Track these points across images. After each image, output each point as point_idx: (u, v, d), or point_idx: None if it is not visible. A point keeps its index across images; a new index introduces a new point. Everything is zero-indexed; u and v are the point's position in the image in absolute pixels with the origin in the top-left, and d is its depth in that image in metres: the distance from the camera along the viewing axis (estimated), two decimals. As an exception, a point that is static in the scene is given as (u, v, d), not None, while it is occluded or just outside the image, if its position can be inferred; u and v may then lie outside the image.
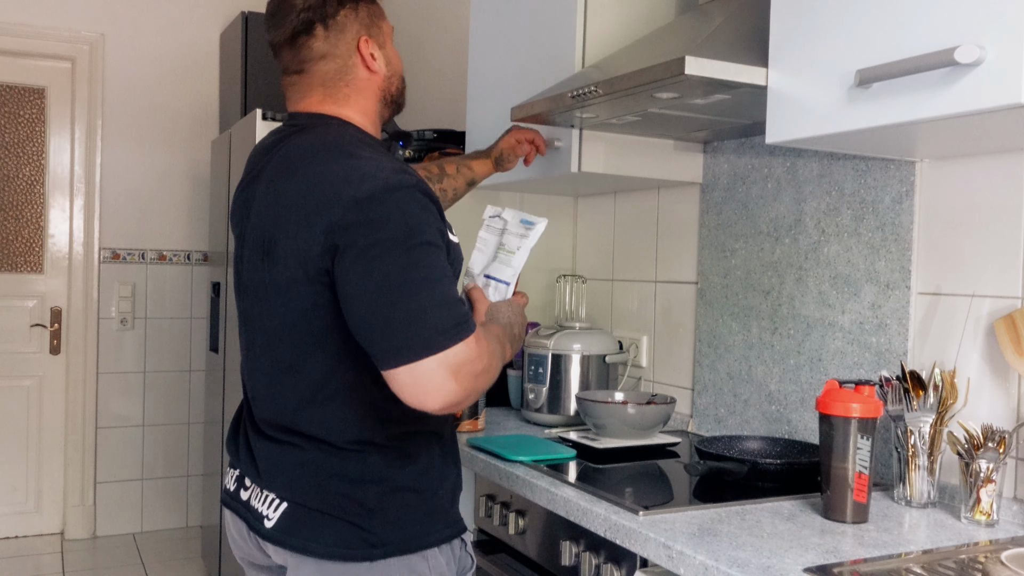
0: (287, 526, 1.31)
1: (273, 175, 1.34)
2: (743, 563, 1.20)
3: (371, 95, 1.43)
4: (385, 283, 1.19)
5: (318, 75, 1.39)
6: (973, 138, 1.42)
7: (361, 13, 1.41)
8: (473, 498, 1.93)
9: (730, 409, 2.11)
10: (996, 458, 1.41)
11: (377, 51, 1.42)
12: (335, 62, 1.39)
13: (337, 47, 1.38)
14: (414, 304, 1.19)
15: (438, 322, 1.19)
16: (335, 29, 1.38)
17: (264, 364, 1.37)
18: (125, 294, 4.22)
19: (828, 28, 1.38)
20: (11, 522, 4.11)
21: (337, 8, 1.38)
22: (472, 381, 1.23)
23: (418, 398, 1.20)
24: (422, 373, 1.18)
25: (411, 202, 1.23)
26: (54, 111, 4.14)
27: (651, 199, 2.44)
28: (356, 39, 1.39)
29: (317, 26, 1.37)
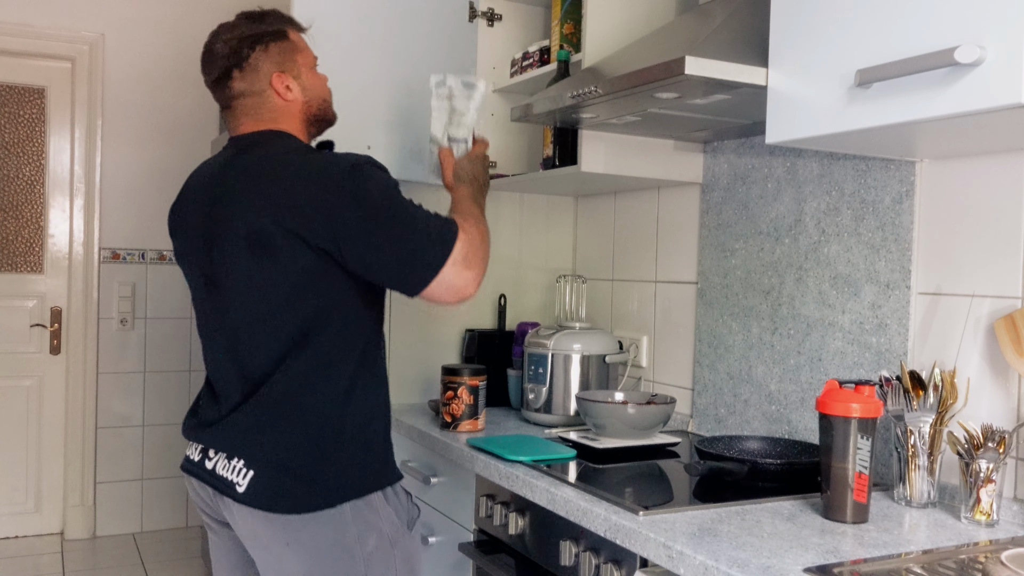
0: (257, 489, 1.50)
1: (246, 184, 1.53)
2: (743, 563, 1.20)
3: (292, 117, 1.66)
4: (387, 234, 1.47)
5: (241, 108, 1.64)
6: (973, 138, 1.42)
7: (272, 52, 1.63)
8: (473, 498, 1.93)
9: (730, 409, 2.11)
10: (996, 458, 1.41)
11: (292, 82, 1.64)
12: (253, 97, 1.63)
13: (253, 85, 1.62)
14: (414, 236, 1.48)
15: (435, 237, 1.49)
16: (249, 70, 1.62)
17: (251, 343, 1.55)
18: (125, 294, 4.22)
19: (828, 28, 1.38)
20: (11, 522, 4.11)
21: (249, 52, 1.62)
22: (480, 259, 1.55)
23: (455, 296, 1.52)
24: (445, 278, 1.50)
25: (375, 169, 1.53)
26: (54, 111, 4.14)
27: (651, 199, 2.44)
28: (269, 76, 1.62)
29: (234, 71, 1.62)
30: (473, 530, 1.93)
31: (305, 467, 1.50)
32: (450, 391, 2.10)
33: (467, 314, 2.61)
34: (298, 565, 1.51)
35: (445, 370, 2.11)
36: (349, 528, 1.51)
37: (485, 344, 2.52)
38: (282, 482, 1.49)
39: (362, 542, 1.52)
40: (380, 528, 1.54)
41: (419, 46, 2.38)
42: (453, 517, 2.03)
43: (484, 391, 2.13)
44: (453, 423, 2.09)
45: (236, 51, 1.62)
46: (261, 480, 1.50)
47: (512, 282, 2.68)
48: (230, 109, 1.65)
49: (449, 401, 2.10)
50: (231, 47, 1.62)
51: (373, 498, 1.54)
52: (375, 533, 1.53)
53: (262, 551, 1.54)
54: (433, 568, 2.10)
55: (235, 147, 1.62)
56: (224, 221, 1.53)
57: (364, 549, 1.52)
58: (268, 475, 1.50)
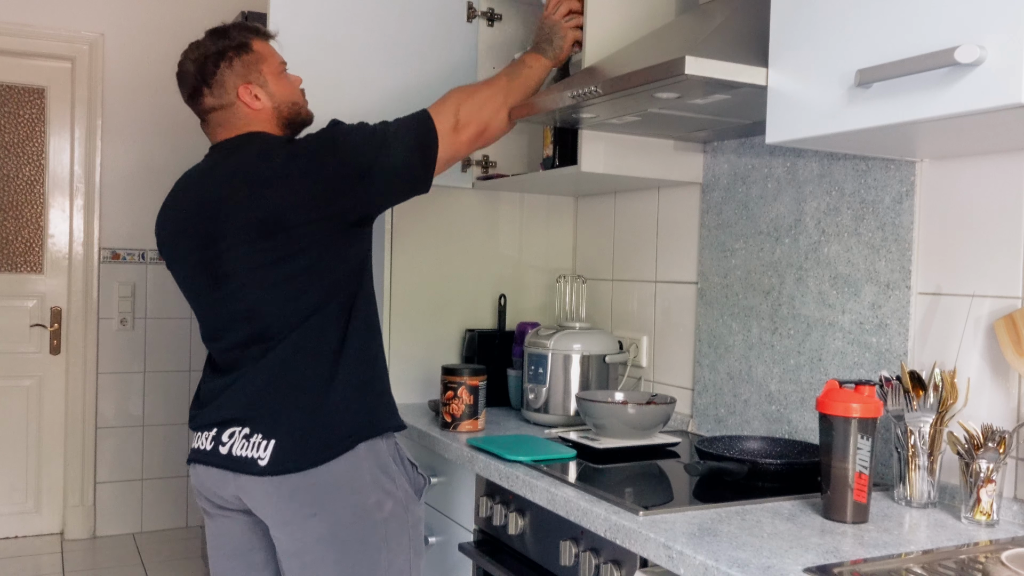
0: (280, 456, 1.59)
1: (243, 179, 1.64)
2: (743, 563, 1.20)
3: (265, 122, 1.75)
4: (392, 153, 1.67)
5: (215, 120, 1.75)
6: (973, 138, 1.42)
7: (236, 66, 1.72)
8: (473, 498, 1.93)
9: (730, 409, 2.11)
10: (996, 458, 1.41)
11: (259, 90, 1.73)
12: (224, 110, 1.73)
13: (222, 99, 1.72)
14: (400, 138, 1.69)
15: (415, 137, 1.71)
16: (216, 86, 1.72)
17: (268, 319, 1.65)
18: (125, 294, 4.22)
19: (828, 28, 1.38)
20: (11, 522, 4.11)
21: (214, 69, 1.71)
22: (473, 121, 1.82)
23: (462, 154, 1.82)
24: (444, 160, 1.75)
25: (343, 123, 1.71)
26: (54, 111, 4.14)
27: (651, 199, 2.44)
28: (236, 88, 1.72)
29: (203, 88, 1.72)
30: (473, 530, 1.93)
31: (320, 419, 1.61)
32: (450, 391, 2.10)
33: (467, 314, 2.61)
34: (322, 532, 1.60)
35: (445, 370, 2.11)
36: (369, 493, 1.62)
37: (485, 344, 2.52)
38: (302, 438, 1.60)
39: (380, 507, 1.64)
40: (395, 494, 1.66)
41: (418, 46, 2.38)
42: (453, 517, 2.03)
43: (484, 391, 2.13)
44: (453, 423, 2.09)
45: (202, 69, 1.72)
46: (284, 443, 1.60)
47: (512, 282, 2.68)
48: (206, 122, 1.76)
49: (449, 401, 2.10)
50: (197, 66, 1.73)
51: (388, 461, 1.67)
52: (391, 499, 1.65)
53: (284, 527, 1.62)
54: (433, 568, 2.10)
55: (217, 152, 1.74)
56: (228, 217, 1.63)
57: (382, 513, 1.64)
58: (288, 435, 1.61)
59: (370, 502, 1.63)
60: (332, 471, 1.60)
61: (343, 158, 1.62)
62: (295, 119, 1.80)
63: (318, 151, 1.63)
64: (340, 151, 1.63)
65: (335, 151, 1.62)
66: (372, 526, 1.63)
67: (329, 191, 1.61)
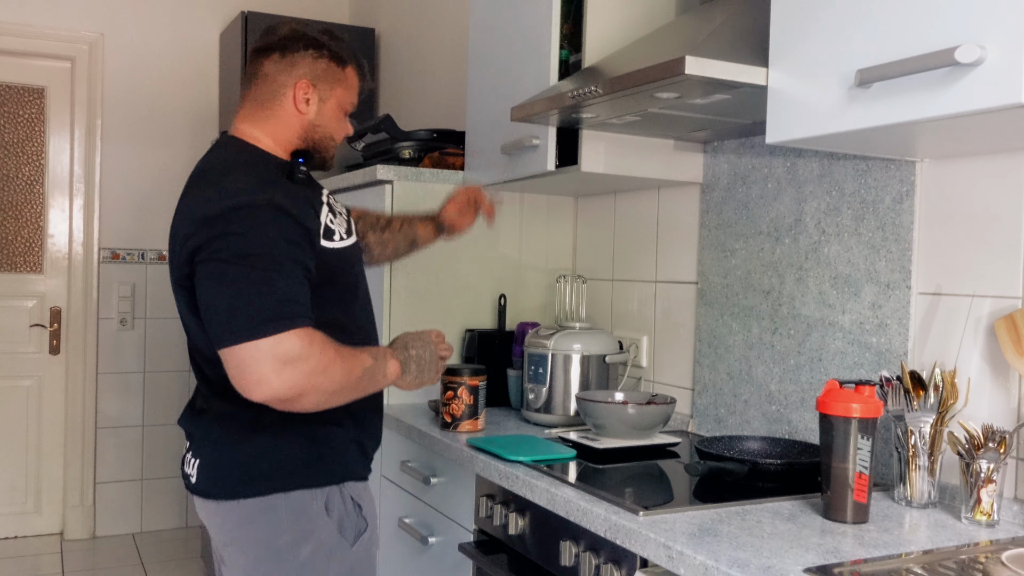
0: (201, 476, 1.54)
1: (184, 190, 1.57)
2: (743, 563, 1.20)
3: (290, 128, 1.60)
4: (221, 283, 1.39)
5: (255, 91, 1.61)
6: (973, 138, 1.42)
7: (319, 64, 1.60)
8: (473, 498, 1.93)
9: (730, 409, 2.11)
10: (996, 458, 1.41)
11: (314, 99, 1.60)
12: (271, 86, 1.59)
13: (278, 76, 1.58)
14: (243, 298, 1.37)
15: (262, 311, 1.36)
16: (287, 62, 1.58)
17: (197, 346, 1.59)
18: (125, 294, 4.22)
19: (828, 28, 1.38)
20: (10, 522, 4.11)
21: (299, 47, 1.58)
22: (303, 378, 1.37)
23: (241, 382, 1.37)
24: (244, 357, 1.35)
25: (251, 219, 1.42)
26: (54, 111, 4.14)
27: (651, 199, 2.44)
28: (298, 79, 1.58)
29: (275, 53, 1.59)
30: (473, 530, 1.93)
31: (241, 454, 1.52)
32: (450, 391, 2.09)
33: (467, 314, 2.61)
34: (236, 564, 1.54)
35: (445, 370, 2.11)
36: (283, 532, 1.50)
37: (485, 344, 2.52)
38: (220, 467, 1.53)
39: (295, 548, 1.51)
40: (318, 537, 1.52)
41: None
42: (453, 517, 2.03)
43: (484, 391, 2.12)
44: (453, 423, 2.09)
45: (292, 39, 1.59)
46: (205, 467, 1.55)
47: (512, 282, 2.68)
48: (247, 87, 1.62)
49: (449, 401, 2.09)
50: (293, 35, 1.60)
51: (310, 502, 1.52)
52: (311, 543, 1.51)
53: (217, 548, 1.60)
54: (433, 568, 2.10)
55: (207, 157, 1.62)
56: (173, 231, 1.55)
57: (296, 557, 1.51)
58: (210, 461, 1.54)
59: (281, 542, 1.51)
60: (243, 507, 1.51)
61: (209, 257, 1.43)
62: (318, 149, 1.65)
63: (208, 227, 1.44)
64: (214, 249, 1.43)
65: (212, 247, 1.43)
66: (285, 565, 1.51)
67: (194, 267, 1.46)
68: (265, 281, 1.39)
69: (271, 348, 1.35)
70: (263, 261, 1.40)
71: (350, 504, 1.57)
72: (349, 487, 1.59)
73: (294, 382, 1.37)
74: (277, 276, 1.40)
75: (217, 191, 1.47)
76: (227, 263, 1.40)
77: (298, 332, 1.38)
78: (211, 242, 1.42)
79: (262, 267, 1.39)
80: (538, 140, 2.11)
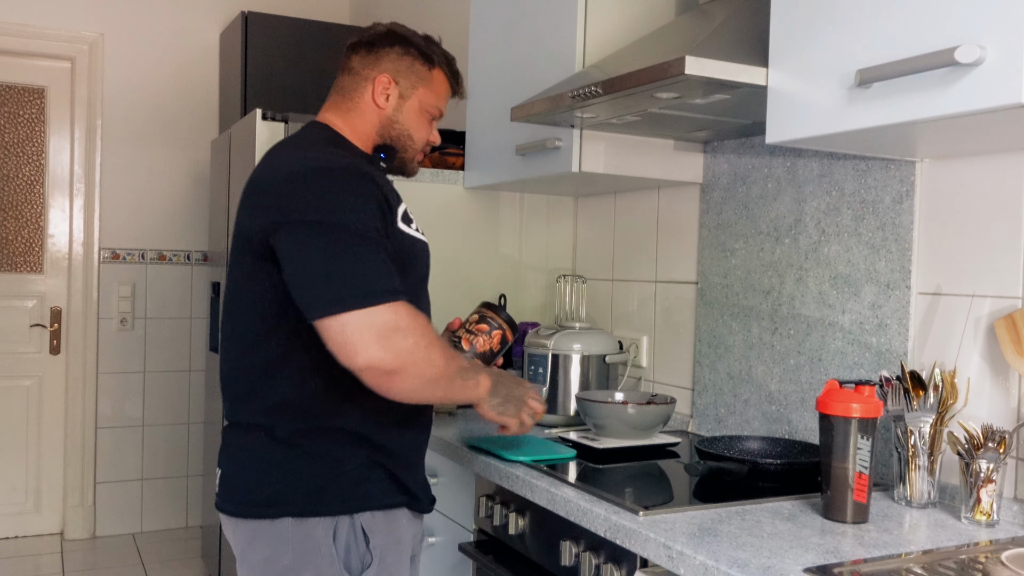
0: (221, 490, 1.51)
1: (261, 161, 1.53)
2: (743, 563, 1.20)
3: (369, 122, 1.60)
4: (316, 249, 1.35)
5: (340, 83, 1.63)
6: (973, 138, 1.42)
7: (404, 61, 1.61)
8: (473, 498, 1.93)
9: (730, 409, 2.11)
10: (996, 458, 1.41)
11: (394, 95, 1.60)
12: (354, 79, 1.61)
13: (361, 70, 1.60)
14: (342, 266, 1.34)
15: (364, 281, 1.33)
16: (371, 56, 1.60)
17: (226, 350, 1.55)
18: (125, 294, 4.22)
19: (828, 28, 1.38)
20: (11, 522, 4.11)
21: (386, 43, 1.61)
22: (405, 352, 1.33)
23: (344, 351, 1.32)
24: (347, 323, 1.31)
25: (337, 182, 1.40)
26: (54, 111, 4.14)
27: (651, 199, 2.44)
28: (380, 73, 1.59)
29: (363, 48, 1.61)
30: (473, 530, 1.93)
31: (254, 470, 1.47)
32: (485, 324, 1.83)
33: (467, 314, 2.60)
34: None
35: (489, 305, 1.86)
36: (285, 554, 1.45)
37: (485, 344, 2.52)
38: (234, 482, 1.49)
39: (297, 572, 1.45)
40: (319, 566, 1.45)
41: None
42: (453, 517, 2.03)
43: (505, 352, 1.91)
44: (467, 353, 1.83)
45: (380, 38, 1.62)
46: (223, 480, 1.52)
47: (512, 282, 2.68)
48: (337, 80, 1.64)
49: (477, 331, 1.83)
50: (385, 31, 1.63)
51: (316, 528, 1.45)
52: (311, 570, 1.45)
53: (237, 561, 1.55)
54: (433, 568, 2.10)
55: (294, 134, 1.61)
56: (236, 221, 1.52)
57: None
58: (227, 474, 1.52)
59: (283, 564, 1.45)
60: (252, 526, 1.47)
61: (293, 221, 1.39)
62: (395, 148, 1.63)
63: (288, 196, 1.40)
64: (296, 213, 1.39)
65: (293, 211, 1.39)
66: None
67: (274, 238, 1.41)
68: (366, 249, 1.36)
69: (373, 318, 1.32)
70: (361, 229, 1.37)
71: (360, 535, 1.48)
72: (363, 517, 1.48)
73: (396, 352, 1.32)
74: (372, 246, 1.38)
75: (304, 154, 1.46)
76: (320, 228, 1.36)
77: (402, 304, 1.35)
78: (303, 202, 1.38)
79: (360, 235, 1.37)
80: (560, 141, 2.11)
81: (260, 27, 3.87)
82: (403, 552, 1.54)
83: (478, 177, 2.55)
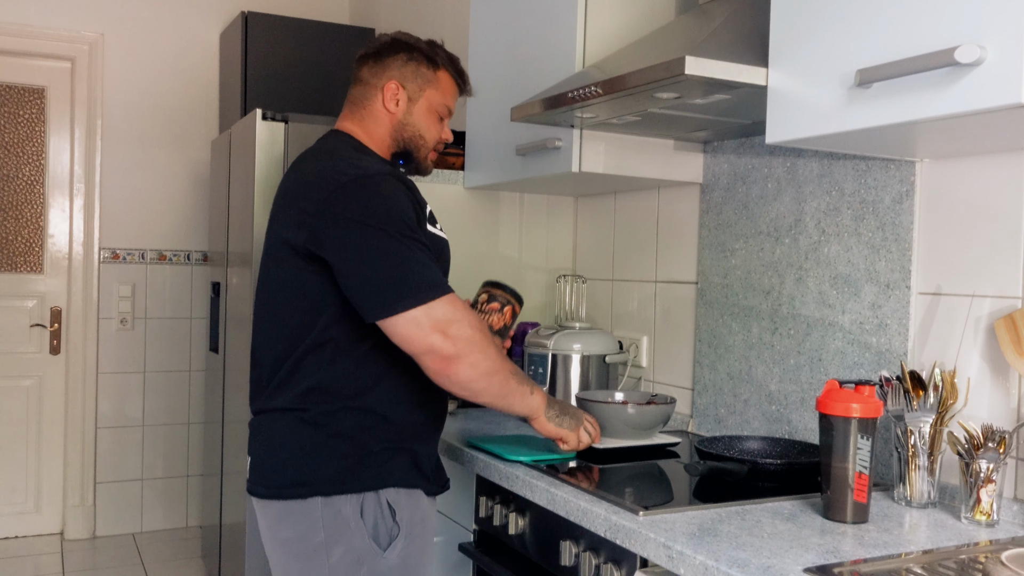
0: (252, 476, 1.59)
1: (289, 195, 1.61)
2: (743, 563, 1.20)
3: (383, 127, 1.70)
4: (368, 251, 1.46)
5: (354, 93, 1.72)
6: (973, 138, 1.42)
7: (409, 67, 1.69)
8: (473, 498, 1.93)
9: (730, 409, 2.11)
10: (996, 458, 1.41)
11: (403, 100, 1.68)
12: (364, 89, 1.70)
13: (371, 79, 1.69)
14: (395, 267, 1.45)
15: (414, 280, 1.45)
16: (378, 66, 1.69)
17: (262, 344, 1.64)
18: (125, 294, 4.22)
19: (828, 28, 1.38)
20: (11, 522, 4.11)
21: (391, 52, 1.69)
22: (462, 341, 1.46)
23: (409, 344, 1.46)
24: (408, 322, 1.44)
25: (377, 189, 1.51)
26: (54, 111, 4.14)
27: (651, 199, 2.44)
28: (388, 80, 1.68)
29: (371, 60, 1.70)
30: (473, 530, 1.93)
31: (286, 452, 1.55)
32: (496, 302, 1.83)
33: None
34: (277, 559, 1.58)
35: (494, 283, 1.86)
36: (319, 530, 1.53)
37: (485, 344, 2.51)
38: (265, 466, 1.57)
39: (328, 549, 1.52)
40: (350, 541, 1.53)
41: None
42: (453, 517, 2.03)
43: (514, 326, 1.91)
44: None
45: (386, 47, 1.70)
46: (254, 467, 1.59)
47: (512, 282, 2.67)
48: (349, 92, 1.74)
49: (488, 310, 1.82)
50: (387, 43, 1.71)
51: (344, 505, 1.53)
52: (343, 544, 1.52)
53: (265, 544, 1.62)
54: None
55: (318, 143, 1.70)
56: (272, 226, 1.62)
57: (328, 559, 1.53)
58: (258, 460, 1.59)
59: (316, 541, 1.53)
60: (284, 506, 1.55)
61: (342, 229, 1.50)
62: (409, 151, 1.72)
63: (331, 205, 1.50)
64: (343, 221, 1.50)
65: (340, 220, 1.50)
66: (317, 564, 1.53)
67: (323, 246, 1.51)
68: (411, 250, 1.48)
69: (429, 312, 1.45)
70: (403, 230, 1.48)
71: (386, 509, 1.56)
72: (387, 493, 1.56)
73: (455, 339, 1.45)
74: (419, 246, 1.50)
75: (339, 164, 1.56)
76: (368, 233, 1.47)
77: (453, 296, 1.49)
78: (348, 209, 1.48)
79: (405, 236, 1.48)
80: (561, 142, 2.11)
81: (260, 27, 3.87)
82: (428, 531, 1.64)
83: (478, 177, 2.55)
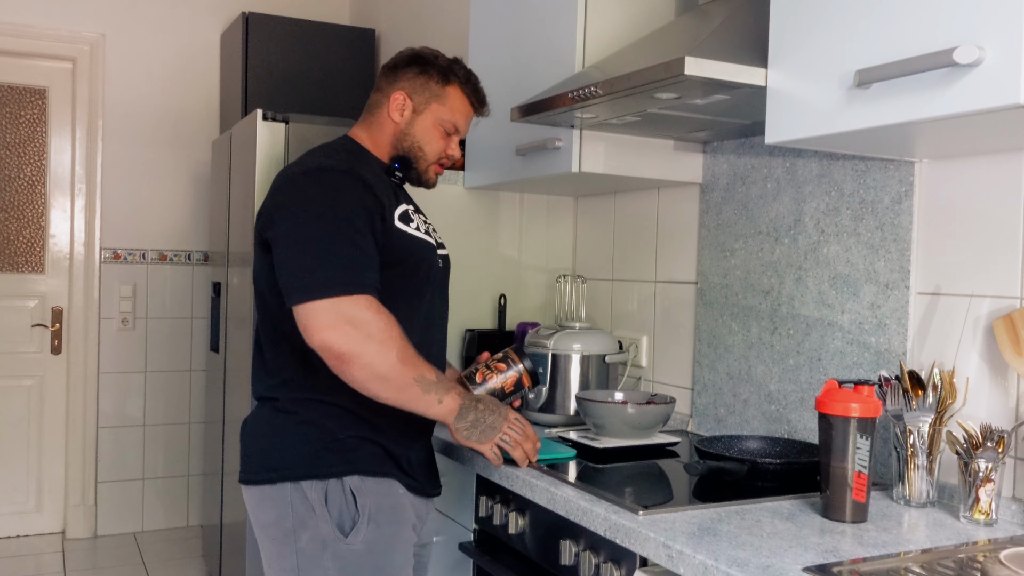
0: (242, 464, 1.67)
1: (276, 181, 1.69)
2: (743, 563, 1.20)
3: (386, 134, 1.74)
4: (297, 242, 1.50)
5: (369, 101, 1.79)
6: (973, 138, 1.43)
7: (419, 80, 1.73)
8: (473, 498, 1.93)
9: (730, 409, 2.11)
10: (995, 458, 1.41)
11: (409, 111, 1.73)
12: (378, 97, 1.77)
13: (384, 88, 1.76)
14: (317, 258, 1.48)
15: (334, 274, 1.47)
16: (392, 76, 1.75)
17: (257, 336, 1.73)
18: (126, 294, 4.22)
19: (828, 28, 1.38)
20: (12, 521, 4.12)
21: (406, 64, 1.75)
22: (357, 342, 1.45)
23: (306, 333, 1.47)
24: (310, 309, 1.46)
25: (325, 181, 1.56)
26: (55, 111, 4.14)
27: (651, 199, 2.44)
28: (397, 90, 1.73)
29: (388, 69, 1.77)
30: (473, 530, 1.93)
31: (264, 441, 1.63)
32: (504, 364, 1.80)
33: (467, 314, 2.61)
34: (262, 544, 1.65)
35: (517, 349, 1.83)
36: (288, 515, 1.59)
37: (485, 344, 2.52)
38: (248, 454, 1.65)
39: (297, 533, 1.59)
40: (316, 526, 1.57)
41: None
42: (453, 517, 2.04)
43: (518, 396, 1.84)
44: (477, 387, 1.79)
45: (403, 59, 1.76)
46: (242, 452, 1.67)
47: (512, 282, 2.68)
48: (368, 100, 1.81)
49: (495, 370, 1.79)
50: (407, 56, 1.76)
51: (310, 491, 1.57)
52: (309, 529, 1.58)
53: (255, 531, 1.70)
54: (433, 568, 2.11)
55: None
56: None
57: (297, 542, 1.59)
58: (244, 449, 1.67)
59: (287, 524, 1.59)
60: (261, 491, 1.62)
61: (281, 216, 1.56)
62: (407, 159, 1.74)
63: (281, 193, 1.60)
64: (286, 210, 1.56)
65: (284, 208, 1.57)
66: (288, 548, 1.60)
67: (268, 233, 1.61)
68: (340, 244, 1.50)
69: (335, 306, 1.46)
70: (339, 224, 1.51)
71: (349, 496, 1.59)
72: (351, 480, 1.59)
73: (348, 339, 1.45)
74: (350, 242, 1.51)
75: (309, 158, 1.65)
76: (304, 223, 1.52)
77: (365, 298, 1.49)
78: (292, 198, 1.55)
79: (337, 230, 1.51)
80: (560, 142, 2.11)
81: (261, 27, 3.87)
82: (401, 521, 1.64)
83: (478, 177, 2.55)
